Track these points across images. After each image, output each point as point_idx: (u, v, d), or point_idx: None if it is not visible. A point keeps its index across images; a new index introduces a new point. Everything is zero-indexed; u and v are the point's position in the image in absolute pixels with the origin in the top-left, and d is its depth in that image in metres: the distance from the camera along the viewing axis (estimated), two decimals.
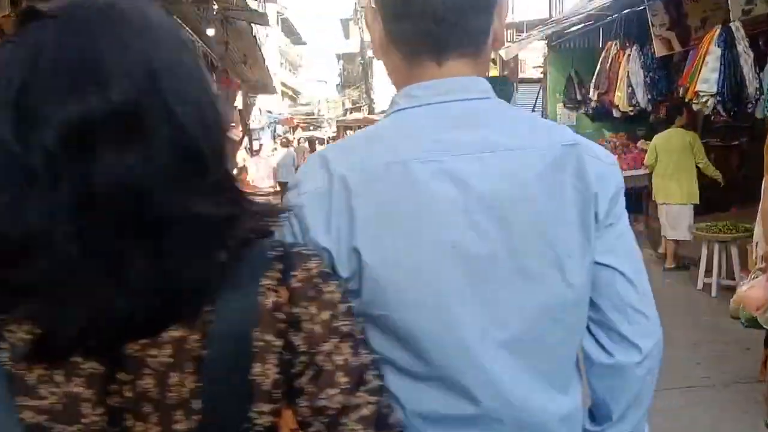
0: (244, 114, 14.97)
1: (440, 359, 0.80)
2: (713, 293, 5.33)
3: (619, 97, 7.39)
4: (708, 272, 5.46)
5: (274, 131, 31.65)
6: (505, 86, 14.20)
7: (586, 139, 0.90)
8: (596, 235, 0.85)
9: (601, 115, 9.21)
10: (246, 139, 14.84)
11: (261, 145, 22.39)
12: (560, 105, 10.52)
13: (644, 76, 7.13)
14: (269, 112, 34.07)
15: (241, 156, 14.53)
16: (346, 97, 35.27)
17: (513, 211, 0.81)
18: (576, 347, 0.91)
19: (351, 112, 26.20)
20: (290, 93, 49.36)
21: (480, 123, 0.84)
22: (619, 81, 7.38)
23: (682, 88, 5.57)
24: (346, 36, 45.41)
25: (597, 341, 0.91)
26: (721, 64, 4.87)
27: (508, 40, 12.88)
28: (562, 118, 10.47)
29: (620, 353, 0.90)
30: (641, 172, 7.36)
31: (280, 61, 44.99)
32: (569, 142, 0.86)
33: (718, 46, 4.92)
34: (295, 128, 36.48)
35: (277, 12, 43.63)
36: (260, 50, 13.96)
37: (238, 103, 11.42)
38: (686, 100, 5.50)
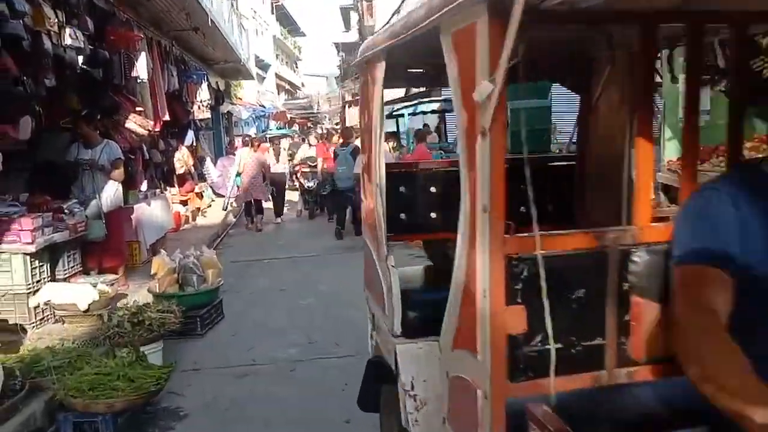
0: (191, 96, 10.64)
1: None
2: None
3: None
4: None
5: (266, 126, 27.21)
6: None
7: None
8: None
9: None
10: (191, 135, 10.42)
11: (231, 142, 18.21)
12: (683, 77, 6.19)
13: None
14: (262, 105, 29.72)
15: (182, 155, 10.23)
16: (346, 90, 30.89)
17: None
18: None
19: (350, 106, 21.83)
20: (286, 86, 45.13)
21: None
22: None
23: None
24: (347, 26, 41.39)
25: None
26: None
27: None
28: None
29: None
30: None
31: (275, 53, 40.82)
32: None
33: None
34: (290, 124, 32.09)
35: (272, 0, 39.51)
36: (215, 23, 9.96)
37: (142, 71, 6.75)
38: None
